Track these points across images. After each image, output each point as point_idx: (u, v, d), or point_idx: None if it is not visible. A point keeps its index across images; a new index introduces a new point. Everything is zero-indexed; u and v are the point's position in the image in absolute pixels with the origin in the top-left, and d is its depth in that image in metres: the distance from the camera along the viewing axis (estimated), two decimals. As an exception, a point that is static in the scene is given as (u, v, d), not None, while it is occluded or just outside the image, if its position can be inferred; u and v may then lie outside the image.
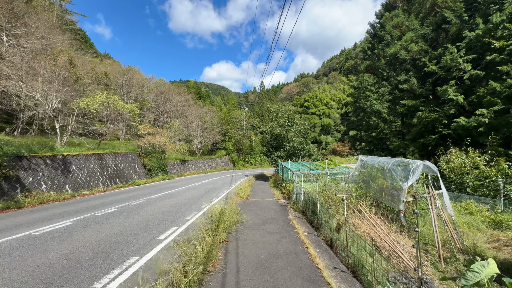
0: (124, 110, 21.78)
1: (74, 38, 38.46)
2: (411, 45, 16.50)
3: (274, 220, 7.93)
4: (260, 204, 11.28)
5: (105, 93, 20.38)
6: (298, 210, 9.72)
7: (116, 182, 17.38)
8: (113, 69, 40.88)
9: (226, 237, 5.89)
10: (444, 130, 13.99)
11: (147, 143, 23.37)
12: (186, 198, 12.91)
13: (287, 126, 24.98)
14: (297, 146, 23.70)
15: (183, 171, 31.12)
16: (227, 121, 47.79)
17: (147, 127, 25.04)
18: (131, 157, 20.80)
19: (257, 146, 52.32)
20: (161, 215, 8.43)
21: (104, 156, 17.03)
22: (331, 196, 8.40)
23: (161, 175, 24.66)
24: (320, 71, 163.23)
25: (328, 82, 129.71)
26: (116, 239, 5.83)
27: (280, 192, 15.60)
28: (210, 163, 40.31)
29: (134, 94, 40.20)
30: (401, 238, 5.92)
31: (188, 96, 53.14)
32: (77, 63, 17.85)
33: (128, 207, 9.87)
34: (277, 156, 24.96)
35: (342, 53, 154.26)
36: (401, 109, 16.25)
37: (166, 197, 13.05)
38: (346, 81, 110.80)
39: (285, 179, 17.74)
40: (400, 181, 6.50)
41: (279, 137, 25.47)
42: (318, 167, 19.46)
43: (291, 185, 13.04)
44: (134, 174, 20.45)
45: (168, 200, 12.03)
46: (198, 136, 40.59)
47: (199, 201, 11.94)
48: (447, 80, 14.34)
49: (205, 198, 13.09)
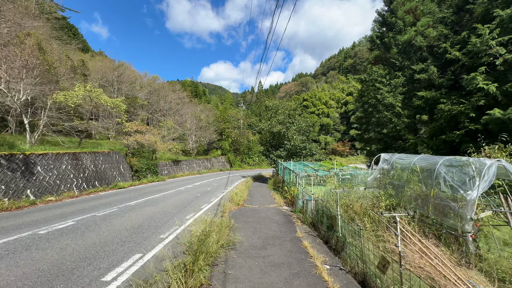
0: (108, 105, 19.69)
1: (56, 28, 36.19)
2: (428, 30, 14.63)
3: (278, 240, 5.94)
4: (259, 213, 9.28)
5: (86, 86, 18.28)
6: (307, 223, 7.75)
7: (94, 185, 15.29)
8: (104, 64, 38.84)
9: (208, 275, 3.89)
10: (471, 125, 12.11)
11: (134, 141, 21.27)
12: (171, 204, 10.88)
13: (288, 123, 23.03)
14: (299, 145, 21.76)
15: (176, 172, 29.02)
16: (224, 119, 45.73)
17: (135, 124, 22.96)
18: (115, 157, 18.71)
19: (255, 146, 50.35)
20: (126, 233, 6.39)
21: (80, 156, 14.93)
22: (351, 205, 6.43)
23: (150, 176, 22.58)
24: (319, 70, 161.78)
25: (326, 81, 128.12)
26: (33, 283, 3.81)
27: (282, 197, 13.62)
28: (206, 164, 38.24)
29: (125, 91, 38.04)
30: (472, 274, 3.97)
31: (183, 94, 51.01)
32: (50, 51, 15.71)
33: (92, 219, 7.82)
34: (277, 156, 22.99)
35: (340, 52, 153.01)
36: (418, 102, 14.36)
37: (148, 203, 11.01)
38: (345, 80, 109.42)
39: (286, 181, 15.77)
40: (460, 188, 4.55)
41: (278, 135, 23.50)
42: (323, 168, 17.54)
43: (295, 189, 11.08)
44: (119, 176, 18.35)
45: (148, 208, 9.99)
46: (193, 135, 38.50)
47: (185, 210, 9.92)
48: (473, 68, 12.47)
49: (194, 204, 11.06)
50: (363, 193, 7.50)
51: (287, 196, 11.88)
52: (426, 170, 5.70)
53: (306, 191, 8.95)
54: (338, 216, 5.31)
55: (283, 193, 14.13)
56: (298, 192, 10.51)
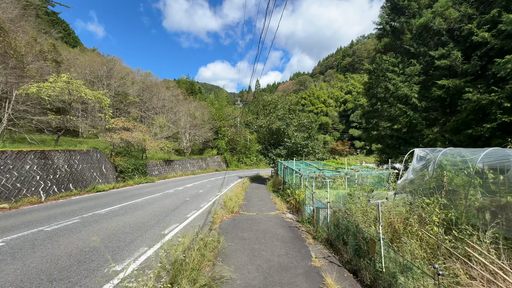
0: (89, 98, 17.66)
1: (44, 22, 33.97)
2: (448, 11, 12.88)
3: (287, 273, 4.07)
4: (258, 224, 7.41)
5: (63, 76, 16.24)
6: (320, 239, 5.89)
7: (68, 188, 13.29)
8: (92, 59, 36.88)
9: None
10: (504, 117, 10.36)
11: (119, 139, 19.25)
12: (151, 212, 8.96)
13: (288, 119, 21.18)
14: (300, 143, 19.94)
15: (168, 173, 27.02)
16: (220, 117, 43.72)
17: (121, 120, 20.92)
18: (95, 156, 16.68)
19: (253, 145, 48.45)
20: (70, 263, 4.48)
21: (51, 155, 12.92)
22: (389, 219, 4.56)
23: (138, 177, 20.58)
24: (317, 69, 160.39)
25: (325, 80, 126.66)
26: None
27: (284, 201, 11.77)
28: (200, 164, 36.25)
29: (115, 86, 35.97)
30: None
31: (177, 91, 48.92)
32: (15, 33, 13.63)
33: (31, 238, 5.88)
34: (276, 154, 21.16)
35: (338, 51, 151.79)
36: (438, 91, 12.58)
37: (123, 211, 9.07)
38: (343, 79, 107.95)
39: (288, 183, 13.94)
40: None
41: (278, 132, 21.65)
42: (327, 167, 15.72)
43: (300, 192, 9.23)
44: (100, 177, 16.33)
45: (120, 218, 8.06)
46: (187, 133, 36.49)
47: (166, 220, 8.01)
48: (506, 51, 10.73)
49: (179, 212, 9.15)
50: (393, 200, 5.66)
51: (290, 201, 10.01)
52: (502, 169, 3.88)
53: (317, 196, 7.11)
54: (381, 242, 3.45)
55: (285, 196, 12.28)
56: (304, 197, 8.66)
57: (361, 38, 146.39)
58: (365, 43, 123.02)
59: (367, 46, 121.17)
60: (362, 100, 76.87)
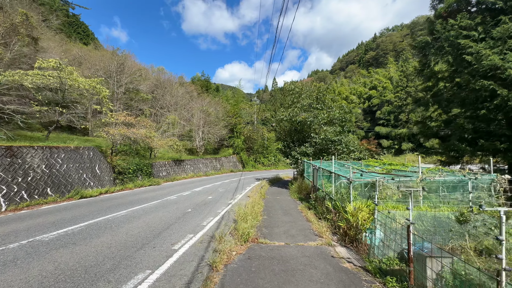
0: (83, 87, 15.17)
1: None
2: None
3: None
4: (294, 276, 3.97)
5: (51, 61, 13.83)
6: None
7: (45, 193, 10.64)
8: (103, 54, 35.68)
9: None
10: None
11: (118, 135, 16.60)
12: (124, 238, 5.81)
13: (315, 110, 17.45)
14: (331, 139, 16.14)
15: (177, 174, 24.27)
16: (235, 114, 40.62)
17: (122, 115, 18.35)
18: (86, 154, 14.08)
19: (271, 143, 44.92)
20: None
21: (21, 152, 10.32)
22: None
23: (141, 179, 17.90)
24: (336, 66, 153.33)
25: (345, 76, 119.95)
26: None
27: (321, 217, 8.20)
28: (214, 164, 33.36)
29: (126, 82, 34.21)
30: None
31: (191, 87, 46.64)
32: None
33: None
34: (301, 153, 17.52)
35: (360, 46, 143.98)
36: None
37: (86, 234, 6.02)
38: (366, 74, 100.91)
39: (323, 191, 10.29)
40: None
41: (303, 126, 18.01)
42: (372, 169, 11.83)
43: (360, 212, 5.61)
44: (91, 180, 13.69)
45: (67, 250, 4.97)
46: (200, 131, 33.77)
47: (140, 255, 4.79)
48: None
49: (164, 239, 5.89)
50: None
51: (340, 224, 6.40)
52: None
53: (390, 215, 3.52)
54: None
55: (322, 211, 8.68)
56: (373, 220, 5.09)
57: (385, 31, 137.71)
58: (390, 35, 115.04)
59: (392, 38, 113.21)
60: (389, 95, 70.57)
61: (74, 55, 32.59)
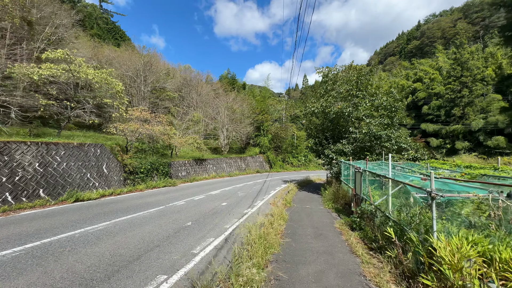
0: (93, 80, 14.07)
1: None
2: None
3: None
4: None
5: (59, 52, 12.86)
6: None
7: (36, 195, 9.33)
8: (131, 55, 36.09)
9: None
10: None
11: (125, 130, 15.24)
12: (57, 278, 3.69)
13: (356, 98, 14.10)
14: (376, 133, 12.70)
15: (198, 174, 22.61)
16: (262, 110, 38.13)
17: (138, 110, 17.08)
18: (92, 152, 12.80)
19: (301, 142, 41.55)
20: None
21: (8, 148, 9.11)
22: None
23: (157, 180, 16.41)
24: (373, 59, 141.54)
25: (384, 69, 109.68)
26: None
27: (378, 252, 5.28)
28: (239, 164, 31.30)
29: (152, 80, 34.02)
30: None
31: (217, 85, 45.44)
32: None
33: None
34: (336, 151, 14.35)
35: (400, 36, 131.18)
36: None
37: (24, 259, 4.04)
38: (409, 65, 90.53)
39: (366, 200, 7.19)
40: None
41: (339, 118, 14.79)
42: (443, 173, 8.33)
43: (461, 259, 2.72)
44: (97, 180, 12.35)
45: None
46: (224, 128, 32.02)
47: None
48: None
49: (123, 278, 3.64)
50: None
51: (426, 282, 3.47)
52: None
53: None
54: None
55: (377, 240, 5.71)
56: None
57: (431, 17, 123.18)
58: (438, 21, 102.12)
59: (441, 24, 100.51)
60: (438, 87, 61.45)
61: (106, 56, 33.63)
